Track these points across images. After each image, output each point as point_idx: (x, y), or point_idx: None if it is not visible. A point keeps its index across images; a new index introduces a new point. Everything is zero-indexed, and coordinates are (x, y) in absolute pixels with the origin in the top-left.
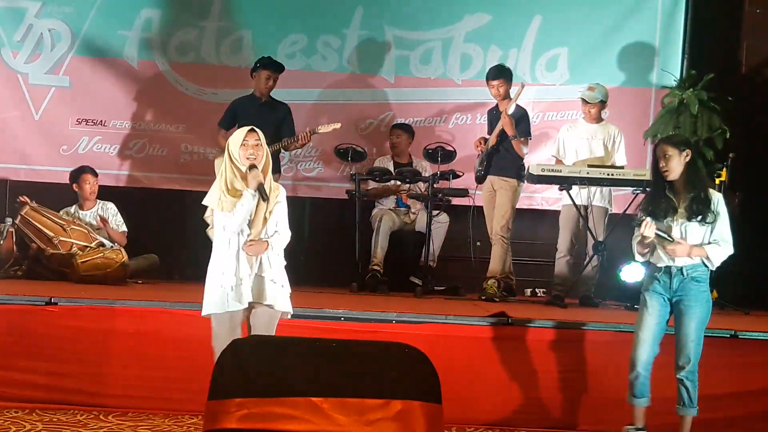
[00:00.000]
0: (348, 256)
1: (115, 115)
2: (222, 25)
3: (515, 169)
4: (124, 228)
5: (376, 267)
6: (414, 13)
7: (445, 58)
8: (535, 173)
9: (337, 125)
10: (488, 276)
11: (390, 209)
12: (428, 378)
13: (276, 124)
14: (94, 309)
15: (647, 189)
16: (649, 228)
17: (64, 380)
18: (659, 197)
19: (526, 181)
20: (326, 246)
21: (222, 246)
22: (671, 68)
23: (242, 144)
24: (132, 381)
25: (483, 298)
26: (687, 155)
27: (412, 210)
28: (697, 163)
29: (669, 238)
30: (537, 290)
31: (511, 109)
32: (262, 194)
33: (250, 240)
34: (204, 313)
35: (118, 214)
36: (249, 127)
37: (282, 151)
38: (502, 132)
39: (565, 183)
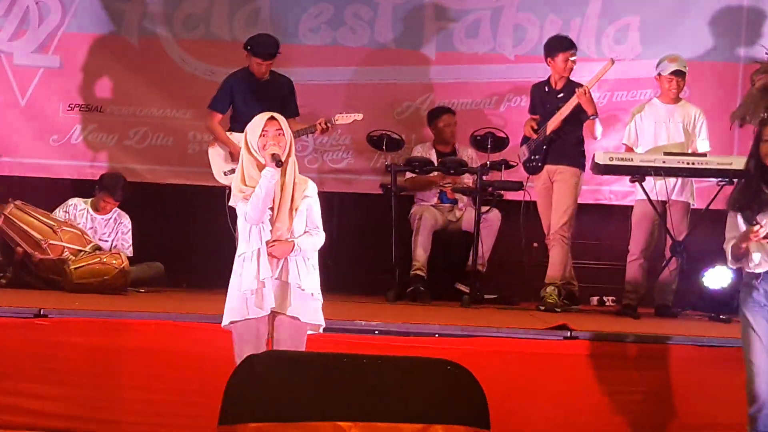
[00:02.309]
0: (383, 260)
1: (113, 99)
2: None
3: (577, 156)
4: (128, 252)
5: (418, 272)
6: None
7: (495, 30)
8: (601, 162)
9: (359, 116)
10: (547, 282)
11: (432, 205)
12: (475, 399)
13: (279, 103)
14: (89, 322)
15: (734, 180)
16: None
17: (54, 404)
18: (754, 188)
19: (591, 172)
20: (358, 248)
21: (243, 243)
22: (763, 39)
23: (261, 134)
24: (133, 404)
25: (542, 308)
26: None
27: (458, 206)
28: None
29: None
30: (605, 298)
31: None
32: (277, 162)
33: (274, 240)
34: (224, 322)
35: (130, 234)
36: (269, 114)
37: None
38: (572, 113)
39: (638, 174)
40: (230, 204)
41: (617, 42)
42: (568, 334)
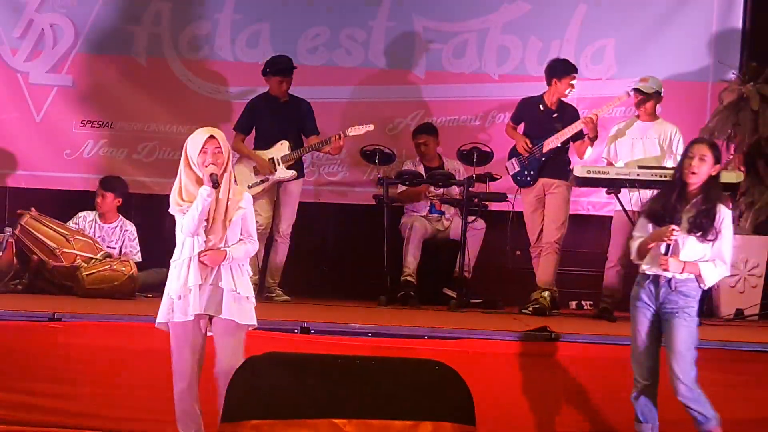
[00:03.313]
0: (376, 267)
1: (123, 116)
2: (237, 17)
3: (568, 171)
4: (137, 258)
5: (408, 278)
6: (447, 2)
7: (480, 51)
8: (579, 175)
9: (370, 127)
10: (542, 287)
11: (422, 216)
12: (461, 398)
13: (298, 123)
14: (101, 325)
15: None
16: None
17: (68, 402)
18: (669, 200)
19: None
20: (352, 256)
21: (177, 251)
22: (730, 60)
23: (202, 150)
24: (142, 402)
25: (528, 311)
26: (716, 170)
27: (446, 216)
28: (718, 179)
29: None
30: (583, 303)
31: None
32: (214, 182)
33: (207, 249)
34: (156, 322)
35: (136, 240)
36: (209, 133)
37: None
38: (574, 136)
39: (613, 186)
40: (170, 211)
41: (594, 62)
42: (549, 335)
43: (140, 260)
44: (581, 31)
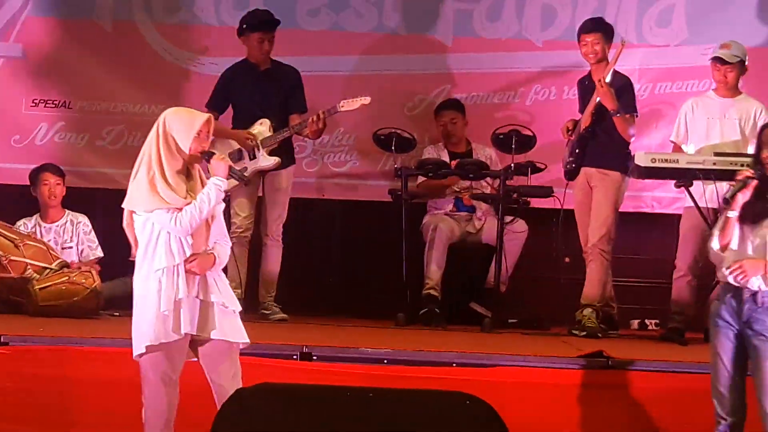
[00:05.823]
0: (392, 278)
1: (84, 94)
2: None
3: (619, 158)
4: (98, 253)
5: (431, 291)
6: None
7: (520, 12)
8: (642, 164)
9: (366, 99)
10: (584, 303)
11: (447, 214)
12: None
13: (282, 97)
14: (56, 350)
15: None
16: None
17: None
18: (760, 195)
19: (630, 176)
20: (363, 264)
21: (162, 257)
22: None
23: (196, 135)
24: None
25: (580, 333)
26: None
27: (477, 215)
28: None
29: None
30: (647, 321)
31: (609, 76)
32: (242, 177)
33: (193, 254)
34: (139, 350)
35: (93, 233)
36: (207, 116)
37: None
38: (599, 108)
39: (684, 177)
40: (130, 207)
41: (660, 25)
42: (606, 362)
43: (102, 255)
44: None
